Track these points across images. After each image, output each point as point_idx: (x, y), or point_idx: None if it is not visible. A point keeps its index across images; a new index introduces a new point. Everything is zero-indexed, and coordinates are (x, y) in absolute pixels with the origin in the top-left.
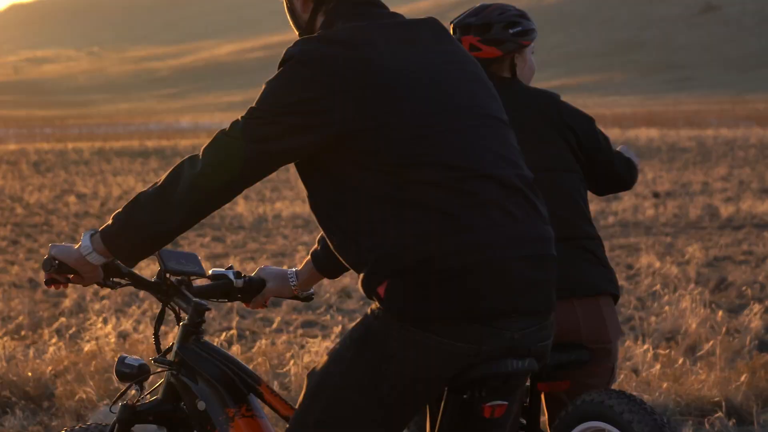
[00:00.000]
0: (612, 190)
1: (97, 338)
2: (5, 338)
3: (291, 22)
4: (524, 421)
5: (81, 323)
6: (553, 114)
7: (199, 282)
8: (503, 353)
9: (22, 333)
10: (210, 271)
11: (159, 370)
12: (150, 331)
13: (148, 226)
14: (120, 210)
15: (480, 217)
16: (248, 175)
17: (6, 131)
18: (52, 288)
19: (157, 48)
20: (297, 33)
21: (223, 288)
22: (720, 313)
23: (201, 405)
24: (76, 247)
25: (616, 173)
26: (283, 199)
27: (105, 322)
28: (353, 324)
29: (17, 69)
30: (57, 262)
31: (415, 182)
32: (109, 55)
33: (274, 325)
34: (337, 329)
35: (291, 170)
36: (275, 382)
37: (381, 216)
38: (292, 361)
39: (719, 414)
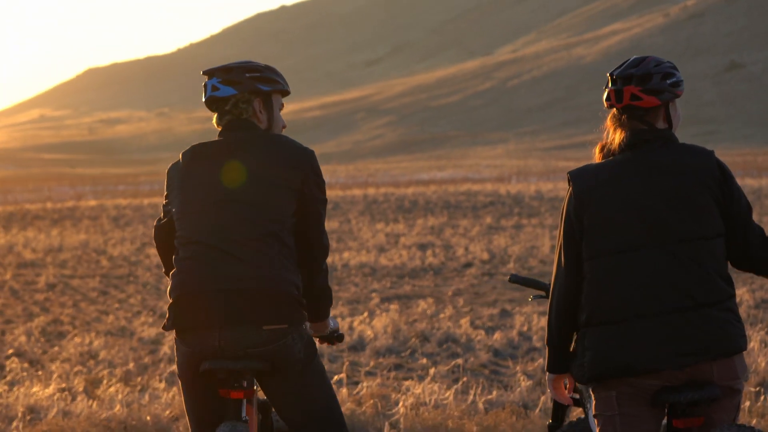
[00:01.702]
0: (743, 266)
1: None
2: (118, 384)
3: None
4: None
5: None
6: (709, 178)
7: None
8: (214, 355)
9: (138, 380)
10: None
11: None
12: None
13: None
14: None
15: (188, 267)
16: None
17: (83, 188)
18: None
19: None
20: None
21: None
22: None
23: None
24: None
25: (747, 245)
26: (349, 249)
27: None
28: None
29: (92, 130)
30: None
31: (177, 246)
32: (177, 116)
33: (368, 368)
34: (432, 370)
35: (353, 222)
36: (386, 423)
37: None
38: (401, 403)
39: None
